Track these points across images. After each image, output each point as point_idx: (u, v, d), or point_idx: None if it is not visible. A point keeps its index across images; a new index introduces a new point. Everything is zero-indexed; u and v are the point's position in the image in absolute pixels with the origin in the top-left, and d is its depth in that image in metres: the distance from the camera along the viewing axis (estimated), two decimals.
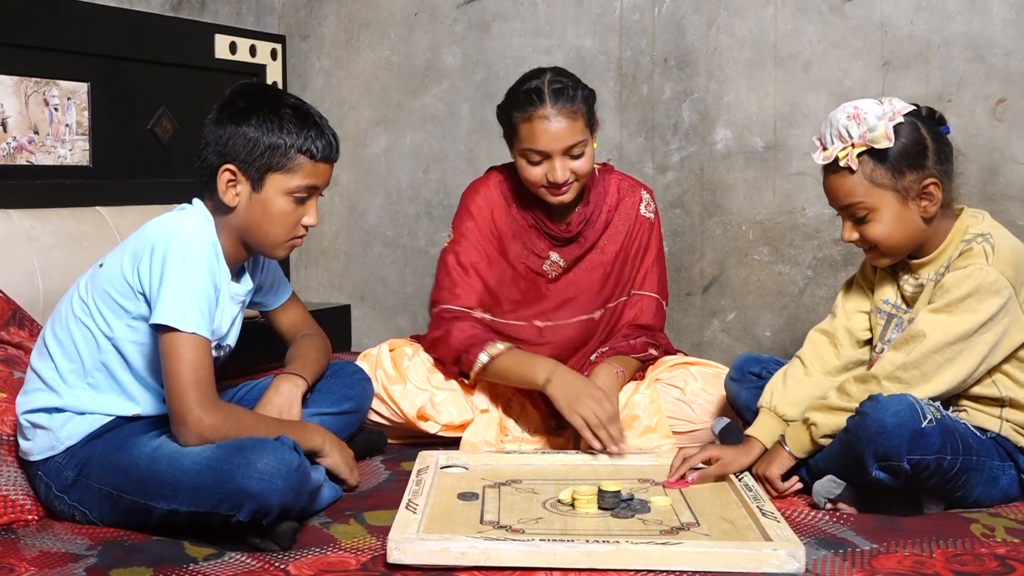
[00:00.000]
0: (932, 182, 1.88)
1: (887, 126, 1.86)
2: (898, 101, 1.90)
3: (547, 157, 2.22)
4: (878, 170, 1.88)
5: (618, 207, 2.42)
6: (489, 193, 2.40)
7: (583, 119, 2.22)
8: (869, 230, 1.92)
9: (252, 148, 1.83)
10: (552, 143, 2.20)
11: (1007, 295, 1.84)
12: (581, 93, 2.23)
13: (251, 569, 1.60)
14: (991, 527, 1.78)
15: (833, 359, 2.05)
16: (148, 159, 2.87)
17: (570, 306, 2.42)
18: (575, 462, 2.12)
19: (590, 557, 1.57)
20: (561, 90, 2.20)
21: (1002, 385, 1.90)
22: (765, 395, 2.04)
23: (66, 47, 2.61)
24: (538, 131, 2.20)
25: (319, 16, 3.52)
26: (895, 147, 1.86)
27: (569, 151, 2.22)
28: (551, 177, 2.23)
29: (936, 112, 1.94)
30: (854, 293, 2.09)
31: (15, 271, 2.33)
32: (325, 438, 1.93)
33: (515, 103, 2.24)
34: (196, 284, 1.75)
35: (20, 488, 1.84)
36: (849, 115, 1.88)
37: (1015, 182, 2.78)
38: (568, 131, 2.20)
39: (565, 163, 2.22)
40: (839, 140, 1.90)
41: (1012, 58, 2.76)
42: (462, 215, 2.41)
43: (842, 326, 2.06)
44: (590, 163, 2.26)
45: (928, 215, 1.91)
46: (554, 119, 2.19)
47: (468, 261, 2.36)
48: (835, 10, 2.92)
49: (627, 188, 2.44)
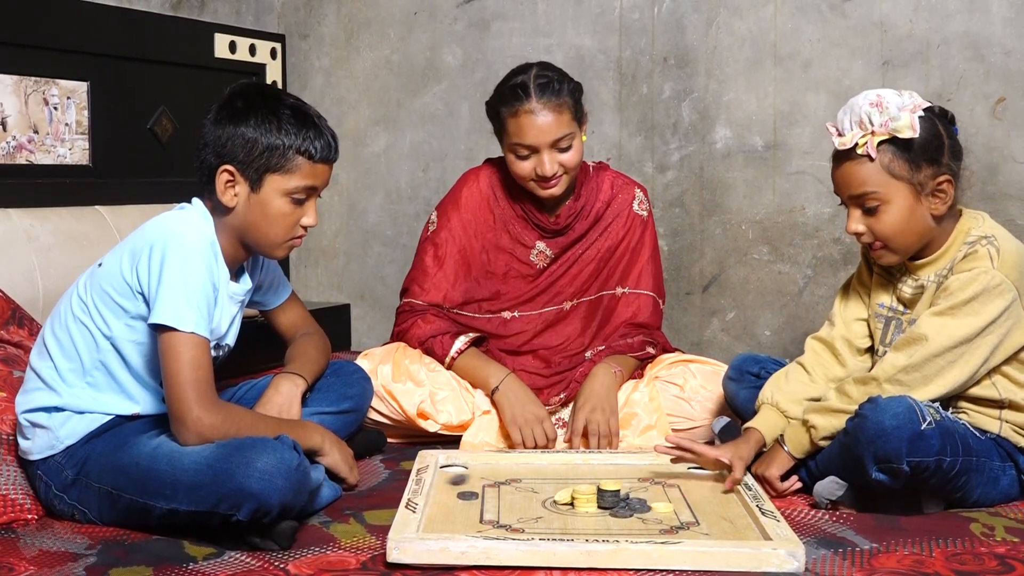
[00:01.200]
0: (946, 179, 1.87)
1: (912, 116, 1.83)
2: (917, 96, 1.88)
3: (535, 151, 2.26)
4: (896, 161, 1.86)
5: (611, 203, 2.45)
6: (479, 183, 2.45)
7: (569, 112, 2.26)
8: (878, 223, 1.89)
9: (250, 149, 1.83)
10: (539, 137, 2.23)
11: (1011, 298, 1.83)
12: (567, 87, 2.27)
13: (251, 568, 1.60)
14: (991, 526, 1.78)
15: (837, 368, 2.04)
16: (148, 158, 2.87)
17: (559, 296, 2.45)
18: (575, 462, 2.12)
19: (590, 556, 1.57)
20: (546, 84, 2.24)
21: (1001, 387, 1.89)
22: (766, 391, 2.03)
23: (66, 46, 2.61)
24: (524, 125, 2.23)
25: (319, 15, 3.52)
26: (917, 140, 1.84)
27: (556, 144, 2.25)
28: (539, 171, 2.26)
29: (948, 112, 1.93)
30: (851, 300, 2.07)
31: (15, 270, 2.33)
32: (325, 437, 1.93)
33: (502, 98, 2.29)
34: (195, 284, 1.75)
35: (20, 487, 1.84)
36: (872, 103, 1.85)
37: (1015, 181, 2.78)
38: (554, 124, 2.23)
39: (553, 156, 2.26)
40: (859, 127, 1.86)
41: (1012, 57, 2.75)
42: (448, 204, 2.46)
43: (840, 336, 2.04)
44: (578, 156, 2.30)
45: (938, 213, 1.89)
46: (540, 113, 2.23)
47: (445, 254, 2.42)
48: (835, 9, 2.92)
49: (621, 185, 2.47)
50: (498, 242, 2.44)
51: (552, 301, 2.45)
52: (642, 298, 2.45)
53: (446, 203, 2.47)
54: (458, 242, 2.43)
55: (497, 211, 2.43)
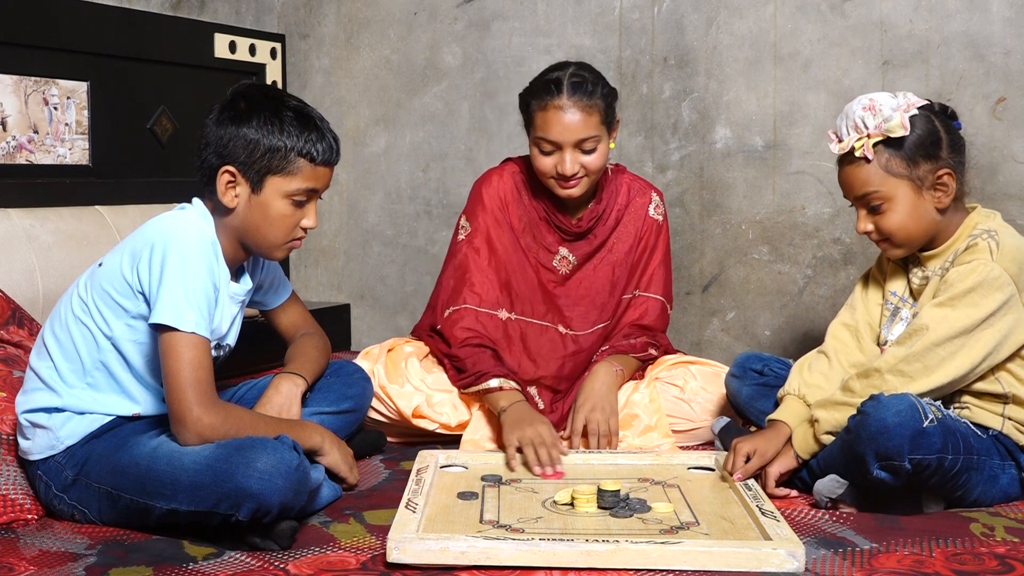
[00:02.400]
0: (946, 172, 1.92)
1: (903, 116, 1.90)
2: (912, 95, 1.95)
3: (558, 148, 2.24)
4: (893, 160, 1.92)
5: (628, 206, 2.44)
6: (502, 183, 2.42)
7: (599, 115, 2.24)
8: (884, 220, 1.95)
9: (252, 150, 1.83)
10: (564, 134, 2.21)
11: (1010, 292, 1.86)
12: (601, 90, 2.25)
13: (251, 568, 1.60)
14: (991, 526, 1.78)
15: (857, 353, 2.06)
16: (147, 158, 2.87)
17: (582, 305, 2.42)
18: (575, 462, 2.12)
19: (590, 556, 1.57)
20: (580, 83, 2.22)
21: (1005, 382, 1.91)
22: (790, 383, 2.04)
23: (66, 46, 2.61)
24: (551, 121, 2.22)
25: (318, 15, 3.51)
26: (910, 137, 1.90)
27: (581, 144, 2.23)
28: (560, 169, 2.24)
29: (948, 108, 1.99)
30: (871, 286, 2.11)
31: (15, 270, 2.33)
32: (324, 436, 1.93)
33: (534, 91, 2.27)
34: (195, 284, 1.75)
35: (20, 487, 1.84)
36: (865, 107, 1.92)
37: (1015, 181, 2.78)
38: (581, 124, 2.21)
39: (576, 156, 2.24)
40: (855, 131, 1.94)
41: (1011, 57, 2.75)
42: (475, 207, 2.42)
43: (863, 320, 2.08)
44: (602, 160, 2.27)
45: (942, 206, 1.94)
46: (568, 110, 2.21)
47: (486, 258, 2.38)
48: (835, 9, 2.92)
49: (638, 189, 2.46)
50: (524, 243, 2.41)
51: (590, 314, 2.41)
52: (651, 301, 2.45)
53: (473, 208, 2.41)
54: (496, 243, 2.38)
55: (520, 210, 2.41)
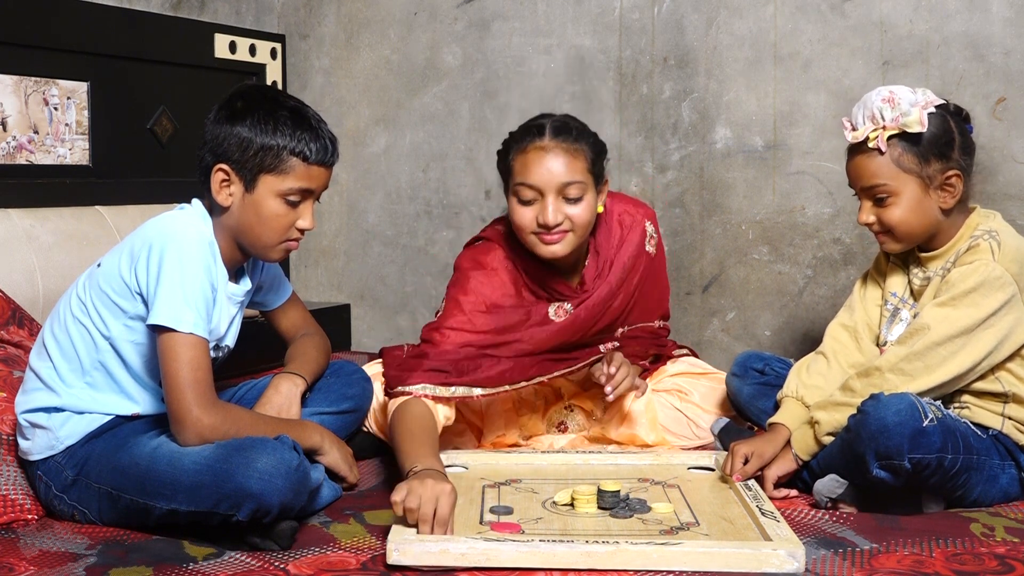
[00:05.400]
0: (955, 173, 1.92)
1: (922, 112, 1.90)
2: (931, 93, 1.95)
3: (540, 195, 2.06)
4: (906, 155, 1.92)
5: (622, 245, 2.26)
6: (495, 277, 2.19)
7: (584, 161, 2.08)
8: (887, 214, 1.95)
9: (245, 148, 1.82)
10: (545, 176, 2.05)
11: (1011, 292, 1.87)
12: (587, 139, 2.11)
13: (251, 568, 1.60)
14: (991, 526, 1.78)
15: (855, 354, 2.06)
16: (147, 158, 2.87)
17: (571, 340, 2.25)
18: (575, 462, 2.12)
19: (590, 557, 1.57)
20: (563, 127, 2.09)
21: (1006, 381, 1.92)
22: (788, 385, 2.04)
23: (66, 46, 2.61)
24: (532, 162, 2.06)
25: (318, 15, 3.51)
26: (925, 135, 1.90)
27: (564, 191, 2.05)
28: (541, 219, 2.05)
29: (963, 110, 1.99)
30: (870, 286, 2.11)
31: (15, 270, 2.33)
32: (324, 436, 1.93)
33: (514, 137, 2.13)
34: (193, 284, 1.75)
35: (20, 488, 1.84)
36: (884, 98, 1.92)
37: (1015, 181, 2.78)
38: (565, 167, 2.05)
39: (559, 204, 2.06)
40: (871, 121, 1.94)
41: (1011, 57, 2.75)
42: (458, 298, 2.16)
43: (862, 321, 2.08)
44: (588, 214, 2.09)
45: (947, 206, 1.94)
46: (551, 151, 2.05)
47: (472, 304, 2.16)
48: (835, 9, 2.92)
49: (629, 223, 2.28)
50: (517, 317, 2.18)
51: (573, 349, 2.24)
52: (649, 328, 2.38)
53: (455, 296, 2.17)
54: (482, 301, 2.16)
55: (519, 300, 2.19)
